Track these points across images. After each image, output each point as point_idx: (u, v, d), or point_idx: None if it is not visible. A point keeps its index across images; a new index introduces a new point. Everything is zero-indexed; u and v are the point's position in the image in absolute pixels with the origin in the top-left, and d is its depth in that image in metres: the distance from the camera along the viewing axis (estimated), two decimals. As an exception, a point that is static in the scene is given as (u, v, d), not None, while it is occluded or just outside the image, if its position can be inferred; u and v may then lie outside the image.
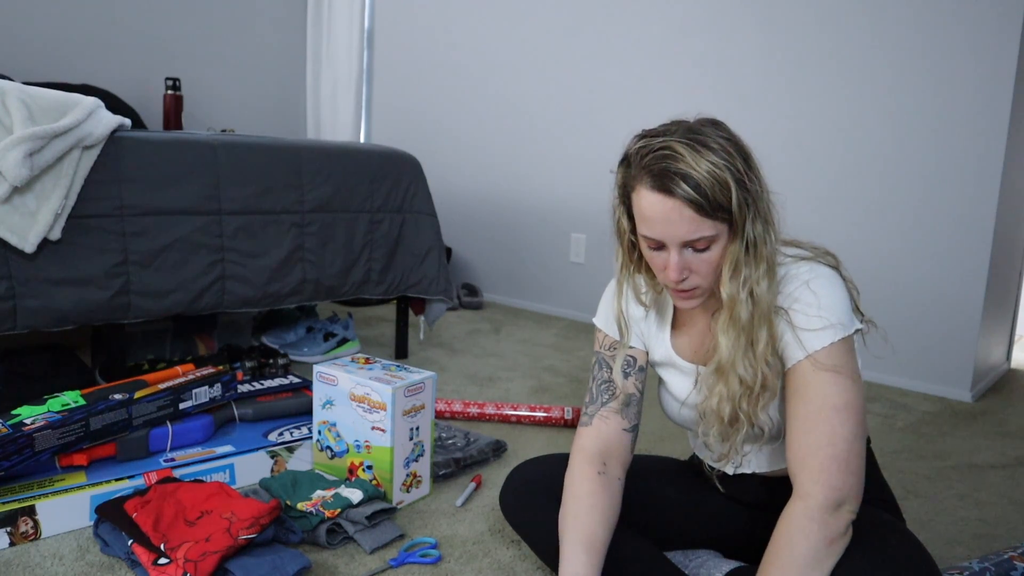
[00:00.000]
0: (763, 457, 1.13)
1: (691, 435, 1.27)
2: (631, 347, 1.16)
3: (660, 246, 0.99)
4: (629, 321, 1.13)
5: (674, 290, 1.01)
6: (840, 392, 0.94)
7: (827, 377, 0.95)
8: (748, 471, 1.15)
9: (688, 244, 0.96)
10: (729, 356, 0.99)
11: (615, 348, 1.16)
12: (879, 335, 1.04)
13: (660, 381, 1.19)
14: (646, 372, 1.17)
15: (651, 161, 0.95)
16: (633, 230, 1.04)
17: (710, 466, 1.19)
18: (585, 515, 1.04)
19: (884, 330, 1.06)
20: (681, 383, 1.14)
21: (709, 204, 0.92)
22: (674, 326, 1.15)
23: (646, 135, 0.98)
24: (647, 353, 1.17)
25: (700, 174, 0.91)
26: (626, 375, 1.15)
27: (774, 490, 1.13)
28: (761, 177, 0.98)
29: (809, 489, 0.92)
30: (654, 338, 1.16)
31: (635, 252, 1.08)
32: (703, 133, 0.95)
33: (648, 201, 0.96)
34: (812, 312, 0.97)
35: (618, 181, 1.03)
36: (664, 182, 0.93)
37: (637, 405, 1.15)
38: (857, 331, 0.99)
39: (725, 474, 1.17)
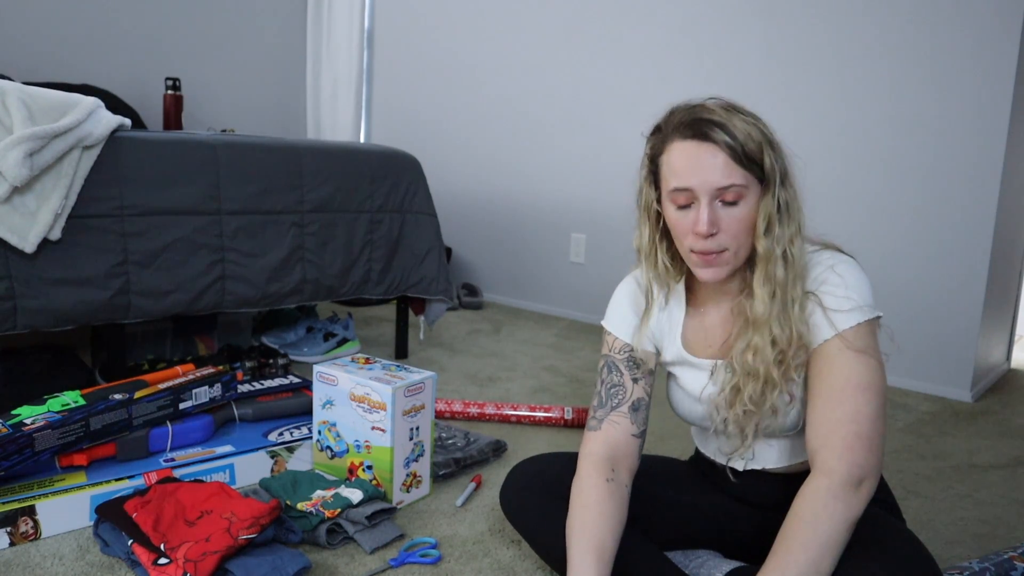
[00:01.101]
0: (775, 452, 1.12)
1: (696, 431, 1.26)
2: (642, 350, 1.15)
3: (688, 203, 0.99)
4: (655, 294, 1.12)
5: (700, 254, 1.00)
6: (865, 371, 0.95)
7: (853, 356, 0.96)
8: (758, 467, 1.14)
9: (720, 193, 0.97)
10: (764, 312, 0.99)
11: (626, 350, 1.15)
12: (887, 334, 1.05)
13: (670, 377, 1.19)
14: (655, 375, 1.17)
15: (685, 116, 0.99)
16: (659, 199, 1.05)
17: (718, 463, 1.17)
18: (593, 523, 1.03)
19: (891, 329, 1.06)
20: (695, 378, 1.13)
21: (743, 152, 0.95)
22: (685, 325, 1.14)
23: (677, 105, 1.02)
24: (657, 355, 1.17)
25: (733, 125, 0.96)
26: (635, 379, 1.14)
27: (782, 488, 1.12)
28: (785, 154, 1.00)
29: (833, 465, 0.92)
30: (666, 339, 1.15)
31: (660, 225, 1.07)
32: (732, 103, 1.00)
33: (681, 149, 0.98)
34: (840, 293, 0.98)
35: (647, 152, 1.05)
36: (699, 128, 0.97)
37: (646, 410, 1.15)
38: (878, 317, 1.00)
39: (735, 471, 1.16)
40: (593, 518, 1.04)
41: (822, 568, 0.88)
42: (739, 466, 1.15)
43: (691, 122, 0.97)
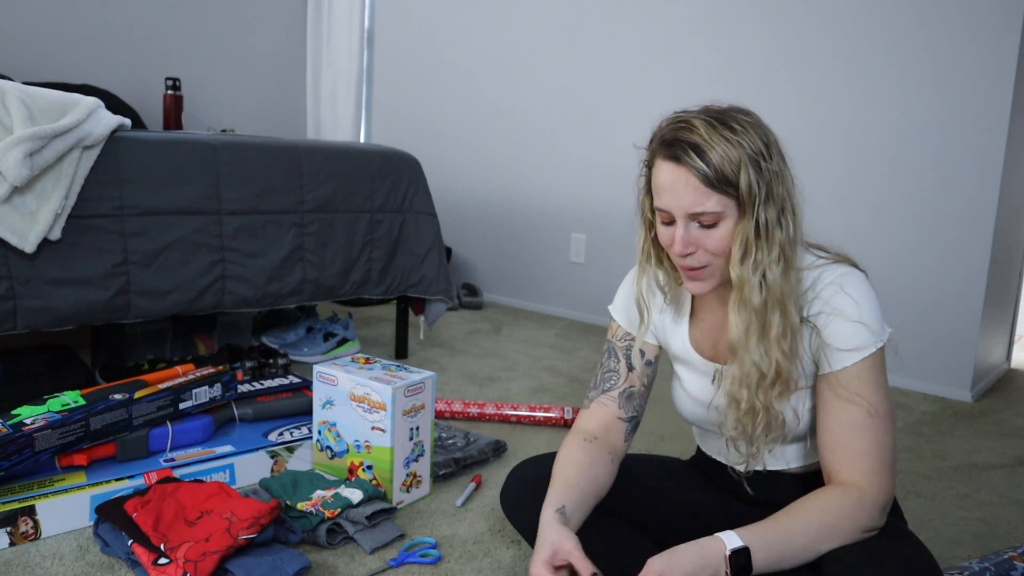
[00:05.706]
0: (787, 454, 1.11)
1: (698, 431, 1.25)
2: (644, 341, 1.16)
3: (671, 220, 0.99)
4: (649, 303, 1.12)
5: (683, 268, 1.02)
6: (882, 403, 0.99)
7: (871, 389, 0.98)
8: (773, 468, 1.12)
9: (694, 217, 0.97)
10: (740, 337, 0.99)
11: (627, 339, 1.17)
12: (891, 348, 1.05)
13: (674, 375, 1.19)
14: (655, 367, 1.17)
15: (667, 133, 0.98)
16: (653, 210, 1.05)
17: (734, 469, 1.14)
18: (563, 467, 1.08)
19: (896, 343, 1.06)
20: (699, 383, 1.13)
21: (715, 177, 0.93)
22: (692, 321, 1.14)
23: (674, 114, 1.01)
24: (659, 348, 1.17)
25: (710, 146, 0.93)
26: (631, 367, 1.16)
27: (794, 488, 1.11)
28: (784, 167, 0.98)
29: (865, 487, 0.96)
30: (669, 330, 1.15)
31: (653, 233, 1.07)
32: (727, 114, 0.97)
33: (659, 170, 0.98)
34: (852, 319, 0.97)
35: (643, 160, 1.05)
36: (674, 150, 0.96)
37: (639, 399, 1.16)
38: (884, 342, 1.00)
39: (743, 472, 1.15)
40: (564, 464, 1.08)
41: (808, 548, 0.92)
42: (740, 467, 1.14)
43: (670, 141, 0.97)
